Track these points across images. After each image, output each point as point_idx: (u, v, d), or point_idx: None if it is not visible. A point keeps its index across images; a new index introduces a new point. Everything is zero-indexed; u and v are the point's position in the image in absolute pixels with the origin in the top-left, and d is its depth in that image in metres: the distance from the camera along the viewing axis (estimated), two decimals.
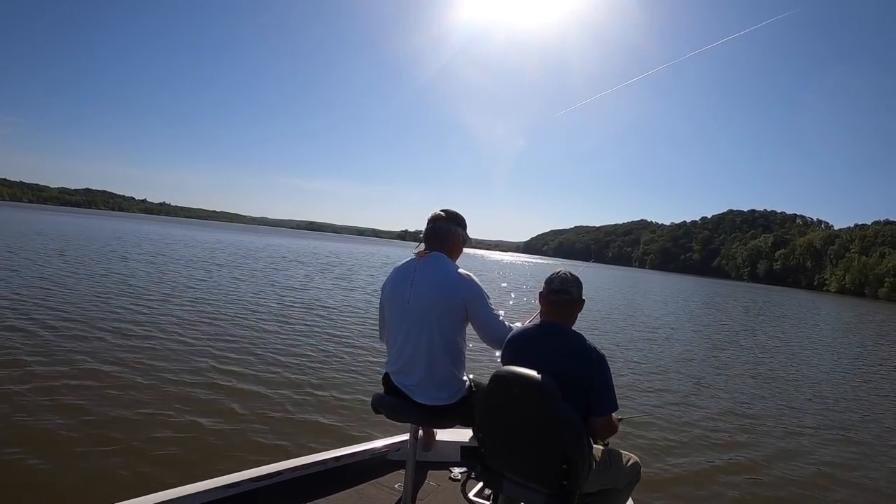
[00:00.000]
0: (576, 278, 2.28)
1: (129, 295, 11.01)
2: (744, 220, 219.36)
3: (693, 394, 7.80)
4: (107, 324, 8.06)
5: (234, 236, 60.13)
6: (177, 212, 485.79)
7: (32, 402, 4.69)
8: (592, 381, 2.08)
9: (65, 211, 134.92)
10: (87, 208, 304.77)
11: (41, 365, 5.73)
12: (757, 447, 5.80)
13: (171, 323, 8.68)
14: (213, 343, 7.63)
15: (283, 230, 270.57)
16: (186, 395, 5.36)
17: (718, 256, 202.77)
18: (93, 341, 6.97)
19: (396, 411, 2.48)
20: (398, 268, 2.56)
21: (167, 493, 2.31)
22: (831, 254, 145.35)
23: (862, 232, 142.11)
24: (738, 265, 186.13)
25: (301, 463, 2.82)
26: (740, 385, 8.89)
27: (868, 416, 7.77)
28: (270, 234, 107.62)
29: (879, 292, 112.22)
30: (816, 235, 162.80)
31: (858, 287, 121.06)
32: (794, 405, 7.87)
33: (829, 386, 9.80)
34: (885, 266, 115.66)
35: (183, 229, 67.73)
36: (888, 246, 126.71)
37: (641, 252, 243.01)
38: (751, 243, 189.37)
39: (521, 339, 2.28)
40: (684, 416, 6.57)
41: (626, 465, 2.29)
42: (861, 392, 9.53)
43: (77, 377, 5.48)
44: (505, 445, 2.12)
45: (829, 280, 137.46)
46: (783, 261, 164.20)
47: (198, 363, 6.50)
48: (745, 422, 6.70)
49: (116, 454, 3.94)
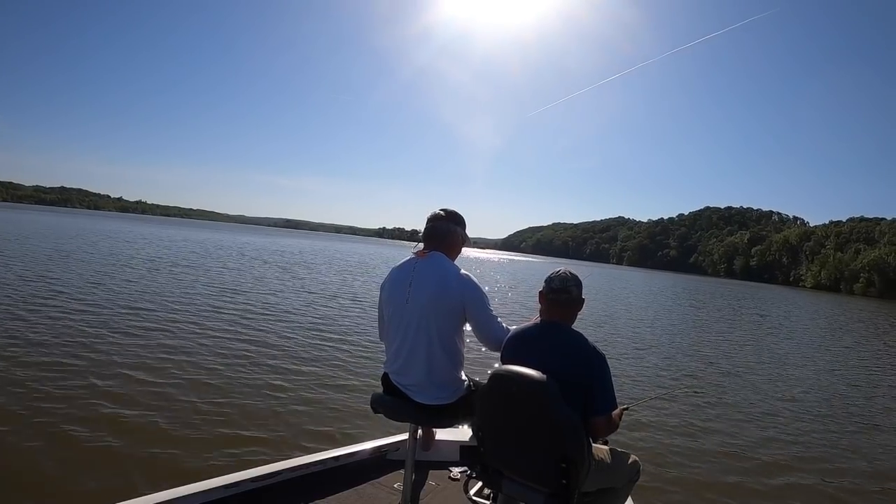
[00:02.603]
0: (575, 277, 2.28)
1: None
2: (720, 217, 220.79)
3: (692, 393, 7.75)
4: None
5: (202, 234, 58.18)
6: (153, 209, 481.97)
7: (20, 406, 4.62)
8: (592, 380, 2.09)
9: (37, 209, 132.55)
10: (62, 206, 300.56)
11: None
12: (757, 445, 5.79)
13: (169, 323, 8.62)
14: (213, 343, 7.61)
15: (260, 228, 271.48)
16: (186, 395, 5.34)
17: (695, 253, 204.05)
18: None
19: (395, 411, 2.48)
20: (397, 267, 2.54)
21: (167, 493, 2.32)
22: (807, 250, 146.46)
23: (837, 229, 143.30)
24: (714, 262, 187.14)
25: (301, 463, 2.82)
26: (740, 382, 8.92)
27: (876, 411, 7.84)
28: (245, 231, 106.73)
29: (855, 287, 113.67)
30: (792, 232, 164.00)
31: (834, 283, 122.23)
32: (792, 401, 7.94)
33: (830, 383, 9.86)
34: (860, 262, 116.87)
35: (152, 227, 65.95)
36: (863, 242, 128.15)
37: (619, 249, 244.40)
38: (727, 240, 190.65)
39: (520, 337, 2.27)
40: (684, 415, 6.56)
41: (625, 464, 2.30)
42: (876, 390, 9.60)
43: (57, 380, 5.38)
44: (504, 444, 2.11)
45: (804, 276, 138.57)
46: (759, 257, 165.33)
47: (197, 363, 6.49)
48: (744, 420, 6.70)
49: (116, 454, 3.94)
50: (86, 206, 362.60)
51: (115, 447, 4.05)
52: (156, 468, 3.80)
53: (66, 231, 34.45)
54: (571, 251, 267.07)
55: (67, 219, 63.84)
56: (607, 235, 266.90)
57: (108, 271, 14.74)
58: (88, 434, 4.21)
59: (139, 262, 18.56)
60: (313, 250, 47.03)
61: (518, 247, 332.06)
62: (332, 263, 30.87)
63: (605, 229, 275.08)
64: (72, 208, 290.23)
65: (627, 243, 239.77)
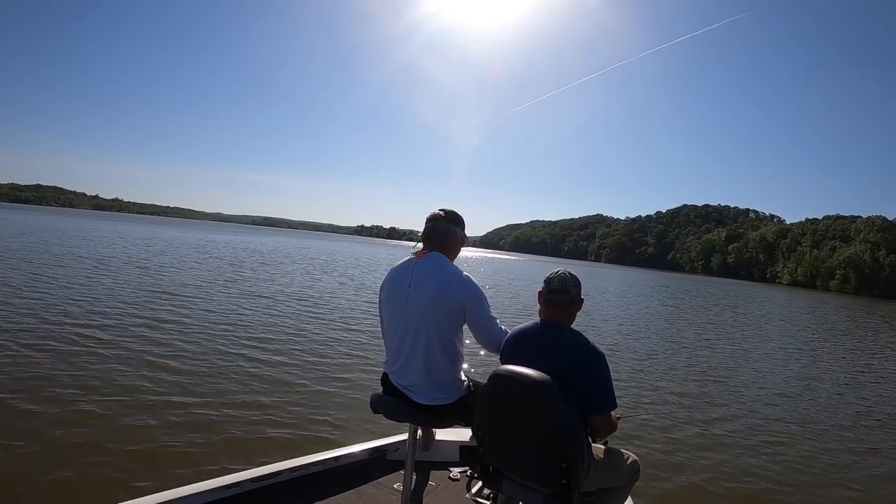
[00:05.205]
0: (574, 278, 2.30)
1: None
2: (698, 215, 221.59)
3: (692, 393, 7.80)
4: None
5: (172, 232, 56.17)
6: (129, 207, 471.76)
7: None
8: (592, 379, 2.09)
9: (11, 207, 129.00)
10: (37, 204, 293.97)
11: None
12: (757, 444, 5.82)
13: (170, 322, 8.63)
14: (211, 343, 7.59)
15: (238, 226, 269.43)
16: (184, 396, 5.33)
17: (673, 250, 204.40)
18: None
19: (395, 411, 2.47)
20: (396, 268, 2.53)
21: (167, 494, 2.32)
22: (783, 247, 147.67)
23: (813, 226, 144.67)
24: (692, 259, 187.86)
25: (300, 463, 2.82)
26: (738, 382, 8.98)
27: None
28: (223, 230, 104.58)
29: (831, 284, 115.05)
30: (769, 229, 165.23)
31: (810, 279, 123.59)
32: (791, 399, 8.04)
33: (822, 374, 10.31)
34: (836, 259, 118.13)
35: (120, 225, 63.87)
36: (839, 240, 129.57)
37: (597, 246, 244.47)
38: (705, 237, 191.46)
39: (520, 337, 2.28)
40: (684, 414, 6.62)
41: (625, 464, 2.30)
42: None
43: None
44: (504, 445, 2.12)
45: (781, 273, 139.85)
46: (737, 254, 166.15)
47: (195, 364, 6.47)
48: (743, 419, 6.74)
49: (116, 455, 3.96)
50: (61, 203, 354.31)
51: (114, 448, 4.05)
52: (156, 468, 3.81)
53: (19, 228, 32.95)
54: (550, 248, 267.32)
55: (33, 216, 61.92)
56: (585, 233, 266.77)
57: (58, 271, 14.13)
58: (89, 435, 4.23)
59: (110, 260, 18.09)
60: (298, 249, 46.09)
61: (497, 244, 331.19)
62: (332, 263, 30.55)
63: (584, 227, 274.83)
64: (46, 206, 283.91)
65: (605, 241, 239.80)
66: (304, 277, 20.07)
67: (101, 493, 3.40)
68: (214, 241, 45.02)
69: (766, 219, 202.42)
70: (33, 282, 11.39)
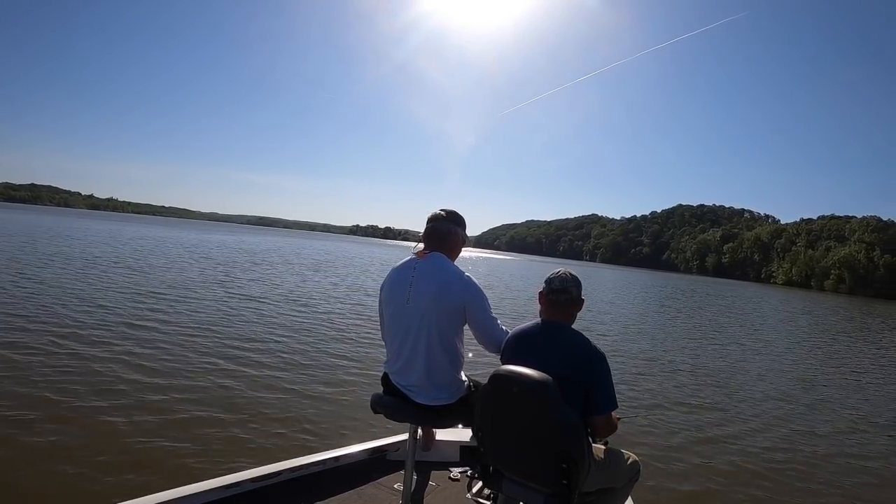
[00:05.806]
0: (575, 278, 2.30)
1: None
2: (693, 215, 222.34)
3: (692, 393, 7.80)
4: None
5: (165, 232, 55.69)
6: (124, 207, 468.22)
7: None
8: (592, 379, 2.09)
9: (5, 207, 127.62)
10: (32, 204, 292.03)
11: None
12: (757, 444, 5.83)
13: (170, 322, 8.61)
14: (210, 343, 7.58)
15: (234, 226, 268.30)
16: (184, 396, 5.32)
17: (668, 250, 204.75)
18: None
19: (395, 411, 2.48)
20: (397, 268, 2.53)
21: (167, 494, 2.32)
22: (778, 247, 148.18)
23: (808, 226, 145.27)
24: (687, 259, 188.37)
25: (300, 463, 2.82)
26: (737, 382, 8.99)
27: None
28: (218, 230, 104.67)
29: (825, 284, 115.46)
30: (764, 229, 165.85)
31: (805, 279, 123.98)
32: (790, 400, 8.02)
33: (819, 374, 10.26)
34: (831, 259, 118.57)
35: (114, 224, 63.35)
36: (833, 240, 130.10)
37: (592, 246, 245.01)
38: (700, 237, 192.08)
39: (521, 337, 2.28)
40: (683, 415, 6.62)
41: (625, 464, 2.30)
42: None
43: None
44: (504, 445, 2.11)
45: (776, 273, 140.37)
46: (731, 254, 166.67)
47: (194, 364, 6.46)
48: (743, 420, 6.73)
49: (116, 455, 3.95)
50: (56, 203, 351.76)
51: (113, 448, 4.05)
52: (156, 468, 3.80)
53: (11, 228, 32.57)
54: (545, 248, 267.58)
55: (25, 216, 61.72)
56: (581, 233, 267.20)
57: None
58: (88, 436, 4.22)
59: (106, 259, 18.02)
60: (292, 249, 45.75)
61: (492, 244, 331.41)
62: (331, 264, 30.32)
63: (579, 227, 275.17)
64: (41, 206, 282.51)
65: (601, 241, 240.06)
66: (303, 278, 20.08)
67: (101, 494, 3.40)
68: (217, 241, 45.36)
69: (760, 219, 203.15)
70: (21, 282, 11.31)
